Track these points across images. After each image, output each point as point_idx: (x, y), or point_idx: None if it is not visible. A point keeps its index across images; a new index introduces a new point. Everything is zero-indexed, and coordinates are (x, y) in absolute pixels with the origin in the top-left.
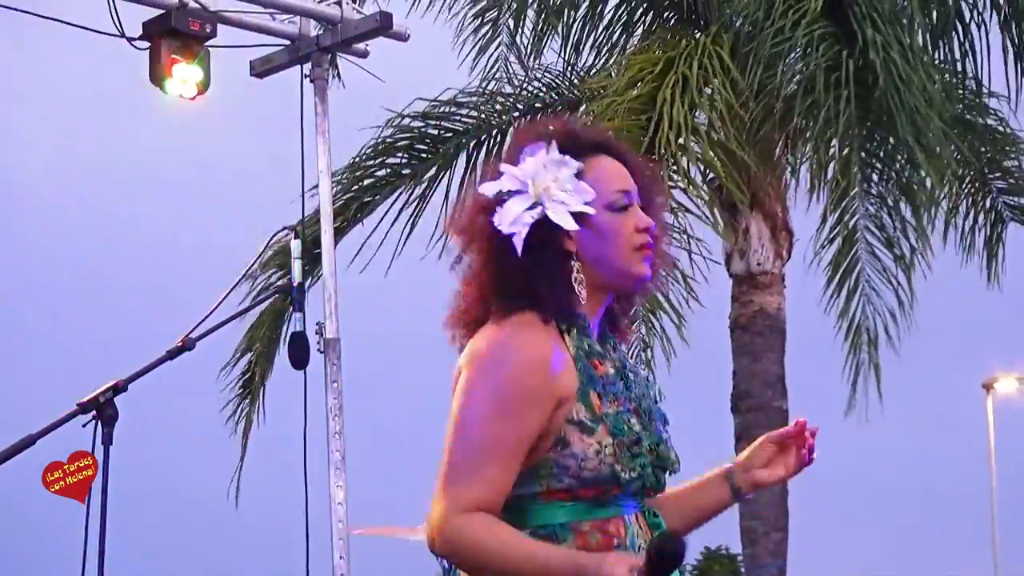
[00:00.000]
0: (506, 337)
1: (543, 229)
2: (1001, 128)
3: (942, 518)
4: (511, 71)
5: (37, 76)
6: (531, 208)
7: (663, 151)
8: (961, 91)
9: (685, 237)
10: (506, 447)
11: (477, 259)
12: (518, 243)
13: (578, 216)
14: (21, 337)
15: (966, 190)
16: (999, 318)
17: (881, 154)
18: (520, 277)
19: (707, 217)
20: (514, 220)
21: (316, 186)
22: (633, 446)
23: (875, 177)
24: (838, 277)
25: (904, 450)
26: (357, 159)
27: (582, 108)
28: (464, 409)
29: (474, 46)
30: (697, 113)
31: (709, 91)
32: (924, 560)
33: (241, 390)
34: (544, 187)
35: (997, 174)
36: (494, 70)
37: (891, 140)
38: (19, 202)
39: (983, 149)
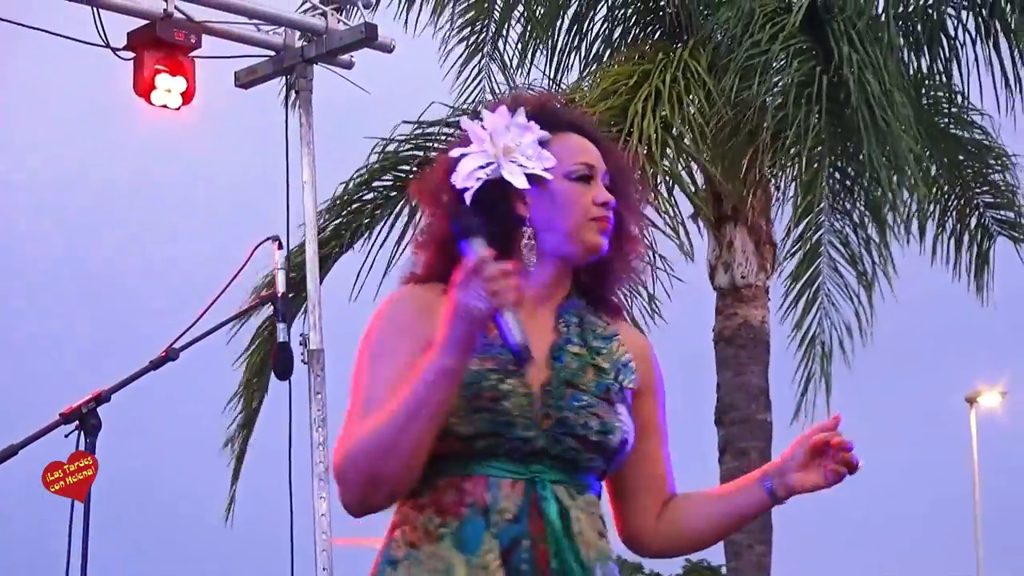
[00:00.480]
0: (388, 296)
1: (496, 189)
2: (987, 141)
3: (926, 532)
4: (496, 86)
5: (26, 86)
6: (486, 166)
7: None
8: (947, 105)
9: (651, 252)
10: (387, 380)
11: (432, 218)
12: (468, 197)
13: (535, 180)
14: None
15: (952, 205)
16: (982, 332)
17: (850, 171)
18: (451, 231)
19: (671, 231)
20: (467, 175)
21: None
22: (477, 399)
23: (843, 193)
24: (797, 288)
25: (888, 464)
26: (345, 186)
27: None
28: (355, 364)
29: (459, 60)
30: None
31: (684, 104)
32: (908, 573)
33: (240, 422)
34: (503, 146)
35: (984, 188)
36: (478, 86)
37: (860, 157)
38: (7, 211)
39: (968, 163)
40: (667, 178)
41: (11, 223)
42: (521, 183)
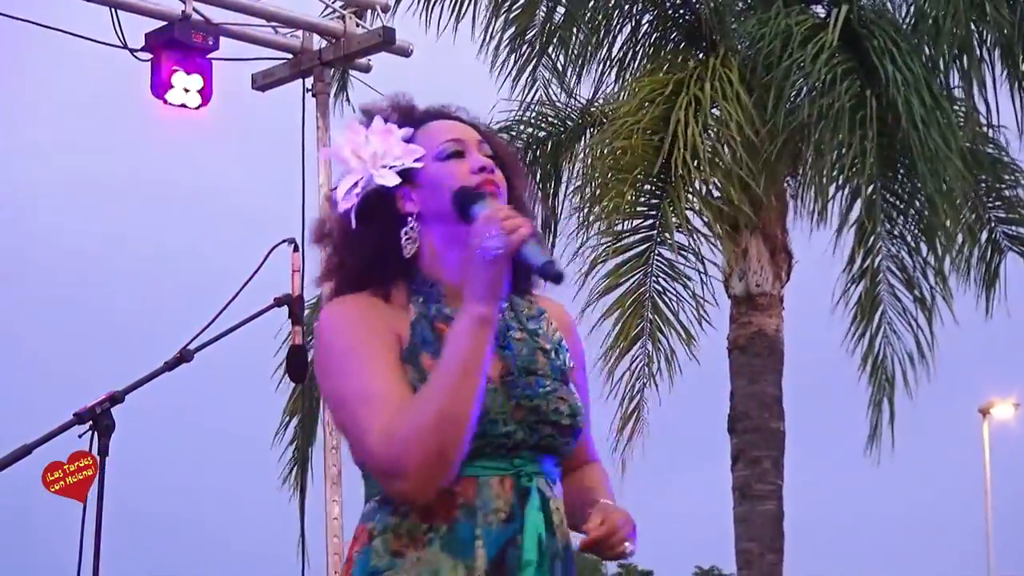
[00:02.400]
0: (327, 310)
1: (377, 198)
2: (1000, 156)
3: (938, 542)
4: (515, 98)
5: (41, 87)
6: (358, 182)
7: (680, 171)
8: (963, 119)
9: (698, 258)
10: (378, 371)
11: (330, 253)
12: (353, 217)
13: (410, 175)
14: (18, 346)
15: (964, 219)
16: (995, 344)
17: (901, 193)
18: (354, 257)
19: (717, 239)
20: (344, 197)
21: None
22: None
23: (896, 217)
24: (862, 317)
25: (900, 474)
26: None
27: (588, 134)
28: (327, 384)
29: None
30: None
31: (717, 113)
32: None
33: (292, 459)
34: (370, 157)
35: (997, 203)
36: (497, 98)
37: (910, 182)
38: (24, 213)
39: (982, 178)
40: (710, 186)
41: (31, 222)
42: (392, 181)
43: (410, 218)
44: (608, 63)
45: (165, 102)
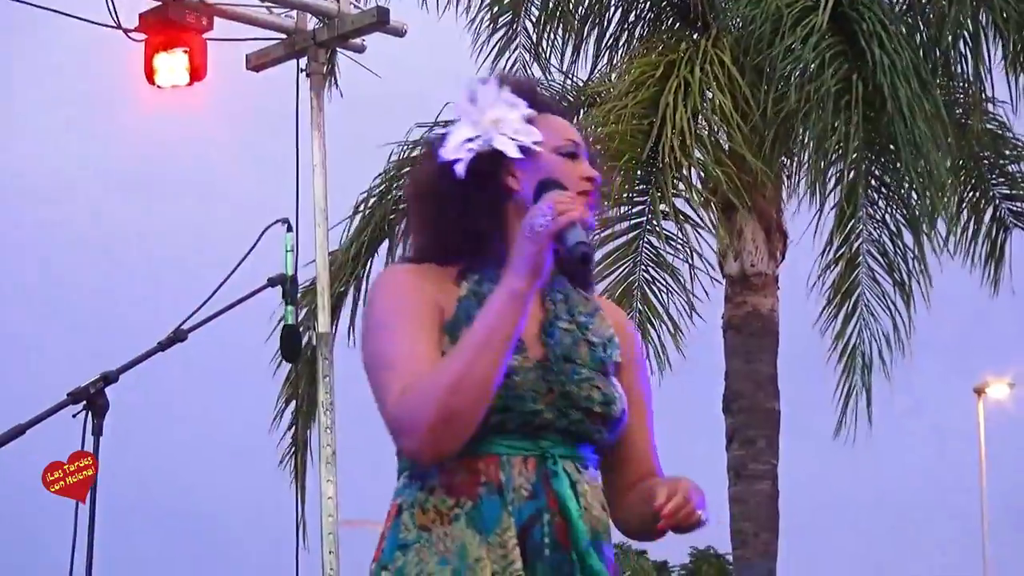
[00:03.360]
0: (381, 275)
1: (486, 162)
2: (1002, 132)
3: (933, 523)
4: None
5: (29, 67)
6: (475, 138)
7: (667, 158)
8: (962, 95)
9: (687, 248)
10: (413, 341)
11: (421, 204)
12: (460, 169)
13: (525, 153)
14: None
15: (967, 197)
16: (991, 323)
17: (886, 179)
18: (453, 216)
19: (711, 227)
20: (457, 147)
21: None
22: None
23: (879, 202)
24: (837, 299)
25: (895, 454)
26: (365, 196)
27: (582, 113)
28: (365, 350)
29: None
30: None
31: (710, 95)
32: (914, 564)
33: (290, 445)
34: (493, 119)
35: (1000, 179)
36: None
37: (896, 166)
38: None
39: (984, 154)
40: (700, 171)
41: (29, 207)
42: (514, 152)
43: (517, 198)
44: (602, 42)
45: (158, 82)
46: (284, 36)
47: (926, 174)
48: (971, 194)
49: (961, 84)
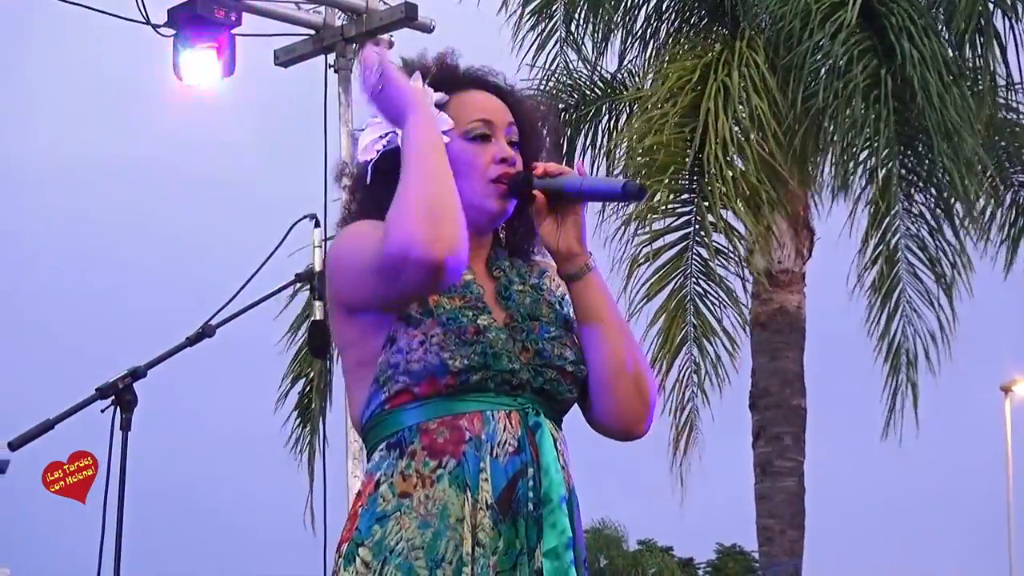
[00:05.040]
0: (339, 235)
1: (395, 158)
2: (1020, 120)
3: (958, 520)
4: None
5: (66, 63)
6: (384, 136)
7: (711, 167)
8: (980, 85)
9: (736, 259)
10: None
11: (348, 199)
12: (369, 169)
13: None
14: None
15: (987, 184)
16: (1018, 320)
17: (920, 171)
18: (369, 209)
19: (747, 232)
20: (367, 148)
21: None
22: (464, 334)
23: (914, 196)
24: (879, 298)
25: (921, 452)
26: None
27: (604, 117)
28: (346, 250)
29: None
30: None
31: (747, 99)
32: (940, 560)
33: (299, 420)
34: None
35: (1018, 168)
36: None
37: (929, 158)
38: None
39: (1003, 143)
40: (738, 176)
41: (59, 197)
42: None
43: None
44: (631, 37)
45: (186, 77)
46: (312, 32)
47: (962, 163)
48: (991, 181)
49: (986, 73)
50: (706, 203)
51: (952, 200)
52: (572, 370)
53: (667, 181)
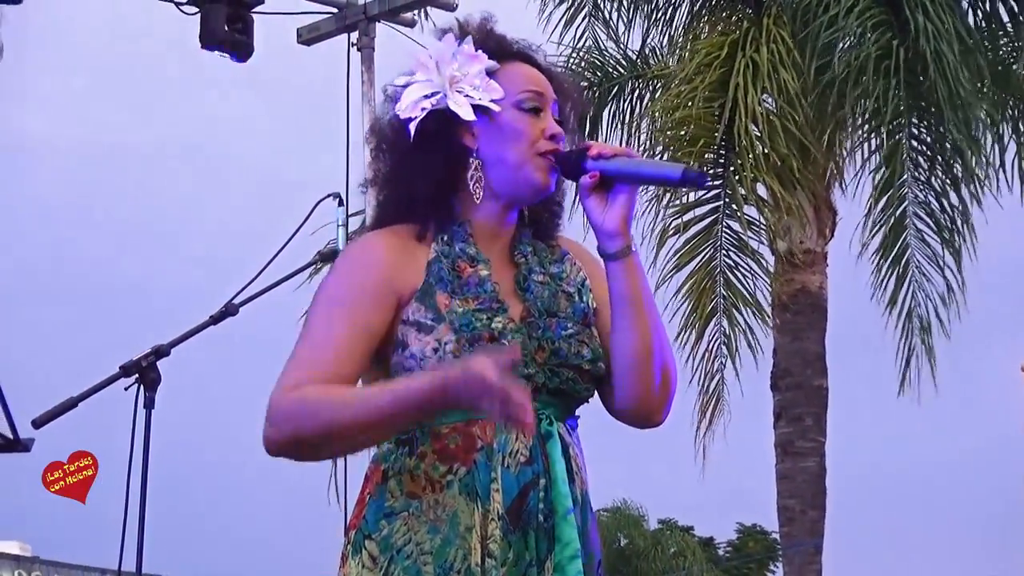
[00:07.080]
0: (352, 244)
1: (442, 120)
2: None
3: (976, 502)
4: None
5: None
6: (431, 95)
7: (743, 141)
8: (997, 40)
9: (768, 230)
10: (338, 337)
11: (379, 153)
12: (412, 128)
13: (482, 112)
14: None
15: (1008, 144)
16: None
17: (929, 140)
18: (406, 173)
19: (771, 205)
20: (412, 104)
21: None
22: (478, 341)
23: (924, 164)
24: (887, 263)
25: (940, 433)
26: None
27: (628, 91)
28: (309, 315)
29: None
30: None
31: (772, 72)
32: (958, 543)
33: None
34: (449, 76)
35: None
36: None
37: (940, 129)
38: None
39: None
40: (769, 151)
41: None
42: (467, 114)
43: (472, 158)
44: (657, 13)
45: (211, 55)
46: (335, 10)
47: (969, 133)
48: (1015, 138)
49: (1003, 29)
50: (736, 177)
51: (962, 169)
52: (589, 368)
53: (697, 154)
